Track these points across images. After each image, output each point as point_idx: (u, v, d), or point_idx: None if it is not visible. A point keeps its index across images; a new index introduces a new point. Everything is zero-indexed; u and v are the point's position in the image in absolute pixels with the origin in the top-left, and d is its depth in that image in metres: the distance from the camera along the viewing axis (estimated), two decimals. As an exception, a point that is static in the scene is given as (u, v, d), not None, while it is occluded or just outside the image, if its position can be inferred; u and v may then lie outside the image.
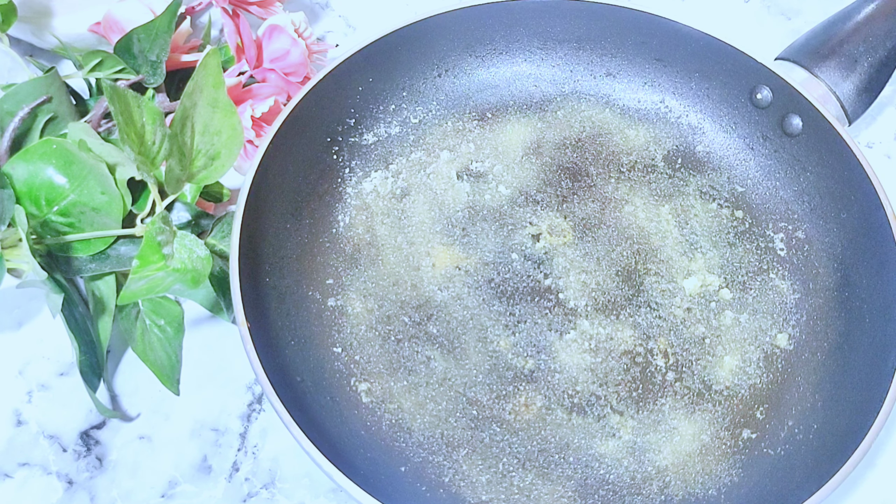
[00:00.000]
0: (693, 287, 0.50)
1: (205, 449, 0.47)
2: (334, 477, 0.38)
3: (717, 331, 0.49)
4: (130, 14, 0.52)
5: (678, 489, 0.44)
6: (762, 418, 0.46)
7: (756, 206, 0.53)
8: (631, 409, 0.46)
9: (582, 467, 0.44)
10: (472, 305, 0.49)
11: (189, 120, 0.42)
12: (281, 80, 0.53)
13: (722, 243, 0.52)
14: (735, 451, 0.45)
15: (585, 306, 0.49)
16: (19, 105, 0.48)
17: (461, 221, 0.52)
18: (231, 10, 0.53)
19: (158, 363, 0.46)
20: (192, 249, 0.42)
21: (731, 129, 0.54)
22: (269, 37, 0.53)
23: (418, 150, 0.54)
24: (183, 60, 0.55)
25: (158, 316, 0.47)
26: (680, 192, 0.53)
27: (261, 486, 0.46)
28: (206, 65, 0.42)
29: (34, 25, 0.55)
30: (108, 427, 0.47)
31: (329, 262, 0.50)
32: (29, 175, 0.44)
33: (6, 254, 0.44)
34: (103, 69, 0.52)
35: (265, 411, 0.48)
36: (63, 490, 0.45)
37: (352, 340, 0.48)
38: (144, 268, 0.41)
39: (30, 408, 0.48)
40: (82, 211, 0.45)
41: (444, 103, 0.55)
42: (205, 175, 0.44)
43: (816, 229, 0.50)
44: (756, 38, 0.58)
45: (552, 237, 0.52)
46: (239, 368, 0.49)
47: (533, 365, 0.47)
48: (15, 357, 0.49)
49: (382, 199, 0.52)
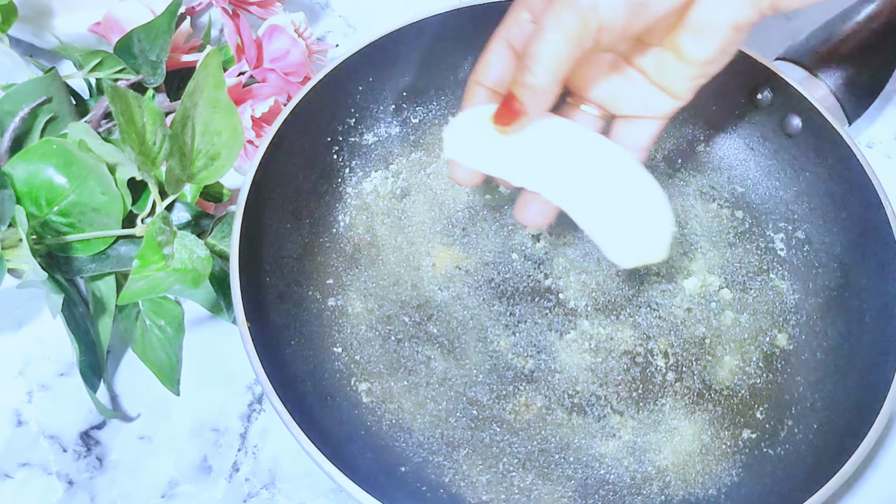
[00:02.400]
0: (693, 287, 0.50)
1: (205, 449, 0.47)
2: (334, 477, 0.38)
3: (717, 331, 0.49)
4: (130, 14, 0.53)
5: (678, 489, 0.44)
6: (762, 418, 0.46)
7: (756, 207, 0.53)
8: (631, 409, 0.46)
9: (582, 467, 0.44)
10: (472, 305, 0.49)
11: (189, 120, 0.42)
12: (281, 80, 0.53)
13: (722, 243, 0.52)
14: (735, 451, 0.45)
15: (585, 306, 0.49)
16: (19, 105, 0.48)
17: (461, 221, 0.52)
18: (231, 10, 0.53)
19: (158, 363, 0.46)
20: (192, 249, 0.42)
21: (731, 129, 0.54)
22: (269, 37, 0.53)
23: (418, 150, 0.54)
24: (183, 60, 0.55)
25: (158, 316, 0.47)
26: (680, 192, 0.53)
27: (261, 487, 0.46)
28: (207, 65, 0.42)
29: (34, 25, 0.55)
30: (108, 427, 0.47)
31: (329, 262, 0.50)
32: (29, 175, 0.44)
33: (6, 254, 0.44)
34: (103, 69, 0.52)
35: (265, 411, 0.48)
36: (63, 490, 0.45)
37: (352, 340, 0.48)
38: (145, 268, 0.41)
39: (30, 408, 0.48)
40: (82, 211, 0.45)
41: (445, 103, 0.55)
42: (205, 175, 0.44)
43: (816, 229, 0.50)
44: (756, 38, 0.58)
45: (552, 237, 0.52)
46: (239, 368, 0.49)
47: (533, 365, 0.47)
48: (15, 357, 0.49)
49: (382, 198, 0.52)
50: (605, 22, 0.34)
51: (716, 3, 0.36)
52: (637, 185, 0.41)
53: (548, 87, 0.36)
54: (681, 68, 0.39)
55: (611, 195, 0.41)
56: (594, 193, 0.41)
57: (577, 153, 0.41)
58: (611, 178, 0.41)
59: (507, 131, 0.39)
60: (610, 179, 0.41)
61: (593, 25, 0.34)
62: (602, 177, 0.41)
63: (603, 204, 0.41)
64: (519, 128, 0.39)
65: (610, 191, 0.41)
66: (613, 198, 0.41)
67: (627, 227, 0.41)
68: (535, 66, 0.36)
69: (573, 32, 0.34)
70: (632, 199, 0.41)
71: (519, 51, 0.40)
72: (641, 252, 0.41)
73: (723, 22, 0.37)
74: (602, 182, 0.41)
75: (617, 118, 0.43)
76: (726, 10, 0.37)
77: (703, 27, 0.37)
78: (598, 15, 0.34)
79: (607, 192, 0.41)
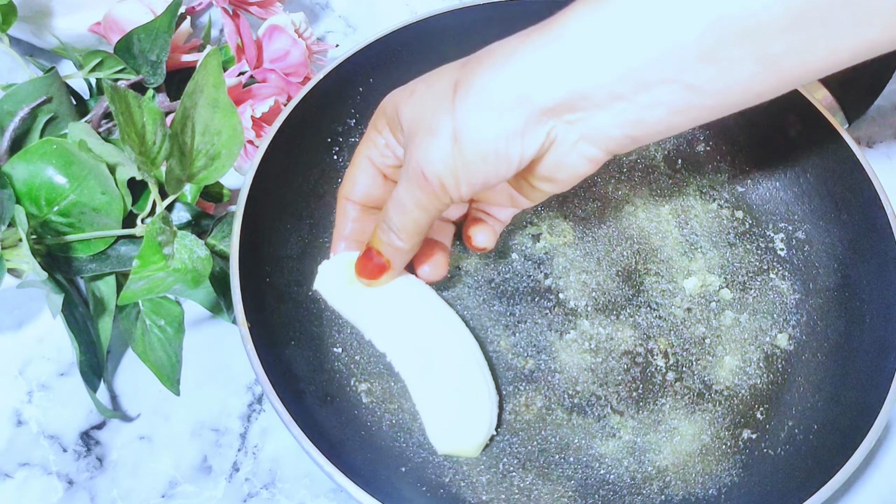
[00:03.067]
0: (693, 287, 0.50)
1: (205, 449, 0.47)
2: (334, 477, 0.38)
3: (718, 331, 0.49)
4: (130, 14, 0.53)
5: (678, 489, 0.44)
6: (762, 418, 0.46)
7: (756, 207, 0.53)
8: (631, 409, 0.46)
9: (582, 467, 0.44)
10: (472, 305, 0.49)
11: (189, 120, 0.42)
12: (281, 80, 0.53)
13: (722, 243, 0.52)
14: (735, 451, 0.45)
15: (585, 306, 0.49)
16: (19, 105, 0.48)
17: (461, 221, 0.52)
18: (231, 11, 0.53)
19: (158, 363, 0.46)
20: (192, 249, 0.42)
21: (731, 129, 0.54)
22: (269, 37, 0.53)
23: (418, 151, 0.54)
24: (183, 60, 0.55)
25: (158, 316, 0.47)
26: (680, 192, 0.53)
27: (261, 486, 0.46)
28: (207, 65, 0.42)
29: (34, 25, 0.55)
30: (108, 427, 0.47)
31: (329, 262, 0.50)
32: (29, 175, 0.44)
33: (6, 254, 0.44)
34: (103, 69, 0.52)
35: (265, 411, 0.48)
36: (63, 490, 0.45)
37: (352, 341, 0.48)
38: (145, 268, 0.41)
39: (30, 408, 0.48)
40: (82, 211, 0.45)
41: (445, 103, 0.55)
42: (205, 175, 0.44)
43: (816, 230, 0.50)
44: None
45: (552, 237, 0.52)
46: (239, 368, 0.49)
47: (533, 365, 0.47)
48: (15, 357, 0.49)
49: (382, 199, 0.52)
50: (459, 196, 0.38)
51: (561, 163, 0.38)
52: (473, 383, 0.43)
53: (412, 247, 0.41)
54: (535, 193, 0.42)
55: (444, 382, 0.43)
56: (431, 374, 0.43)
57: (425, 329, 0.44)
58: (449, 368, 0.43)
59: (371, 284, 0.43)
60: (449, 368, 0.43)
61: (447, 201, 0.38)
62: (442, 363, 0.43)
63: (435, 387, 0.43)
64: (384, 281, 0.43)
65: (444, 378, 0.43)
66: (445, 385, 0.43)
67: (450, 418, 0.43)
68: (399, 233, 0.40)
69: (430, 207, 0.38)
70: (462, 395, 0.43)
71: (381, 170, 0.43)
72: (456, 444, 0.43)
73: (570, 175, 0.39)
74: (441, 367, 0.43)
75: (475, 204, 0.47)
76: (571, 168, 0.38)
77: (552, 177, 0.39)
78: (450, 194, 0.37)
79: (442, 378, 0.43)
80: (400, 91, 0.41)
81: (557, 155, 0.38)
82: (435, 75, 0.39)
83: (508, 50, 0.36)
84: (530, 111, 0.35)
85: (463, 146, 0.36)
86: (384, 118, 0.41)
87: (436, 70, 0.39)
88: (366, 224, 0.45)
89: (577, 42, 0.34)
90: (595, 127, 0.36)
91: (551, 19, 0.36)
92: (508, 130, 0.36)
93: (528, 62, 0.35)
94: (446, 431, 0.43)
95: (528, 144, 0.36)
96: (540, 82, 0.35)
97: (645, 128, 0.36)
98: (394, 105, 0.40)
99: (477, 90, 0.36)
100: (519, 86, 0.35)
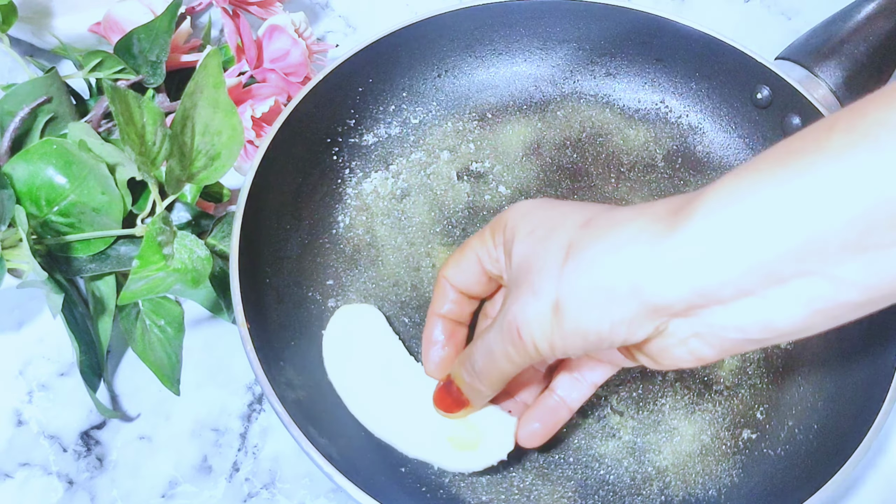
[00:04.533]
0: (693, 287, 0.50)
1: (205, 449, 0.47)
2: (334, 477, 0.38)
3: (717, 331, 0.49)
4: (130, 14, 0.52)
5: (678, 489, 0.44)
6: (762, 418, 0.46)
7: (756, 207, 0.53)
8: (631, 410, 0.46)
9: (582, 468, 0.44)
10: (472, 305, 0.49)
11: (189, 120, 0.42)
12: (281, 80, 0.53)
13: (722, 243, 0.52)
14: (735, 452, 0.45)
15: (585, 306, 0.49)
16: (19, 105, 0.48)
17: (461, 222, 0.52)
18: (231, 11, 0.53)
19: (158, 363, 0.46)
20: (192, 249, 0.42)
21: (731, 129, 0.54)
22: (269, 37, 0.53)
23: (418, 151, 0.54)
24: (183, 60, 0.55)
25: (158, 316, 0.47)
26: (680, 192, 0.53)
27: (261, 487, 0.46)
28: (207, 65, 0.42)
29: (34, 25, 0.55)
30: (108, 427, 0.47)
31: (329, 263, 0.50)
32: (29, 175, 0.44)
33: (6, 254, 0.44)
34: (103, 69, 0.52)
35: (265, 411, 0.48)
36: (63, 490, 0.45)
37: (352, 340, 0.48)
38: (145, 268, 0.41)
39: (30, 408, 0.48)
40: (82, 211, 0.45)
41: (444, 104, 0.55)
42: (205, 175, 0.44)
43: (816, 229, 0.50)
44: (756, 38, 0.58)
45: (552, 237, 0.51)
46: (239, 368, 0.49)
47: (533, 365, 0.47)
48: (15, 357, 0.49)
49: (382, 199, 0.52)
50: (552, 358, 0.36)
51: (665, 352, 0.34)
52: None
53: (493, 393, 0.40)
54: (633, 359, 0.38)
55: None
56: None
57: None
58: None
59: (447, 417, 0.42)
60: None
61: (538, 359, 0.36)
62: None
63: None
64: (461, 416, 0.42)
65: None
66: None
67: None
68: (483, 379, 0.38)
69: (519, 362, 0.37)
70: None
71: (487, 271, 0.41)
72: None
73: (673, 364, 0.35)
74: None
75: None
76: (675, 359, 0.34)
77: (653, 357, 0.35)
78: (542, 355, 0.35)
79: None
80: (524, 215, 0.37)
81: (663, 344, 0.33)
82: (559, 218, 0.35)
83: (633, 230, 0.32)
84: (641, 304, 0.31)
85: (563, 318, 0.33)
86: (501, 235, 0.39)
87: (564, 207, 0.36)
88: (463, 308, 0.43)
89: (703, 240, 0.30)
90: (712, 325, 0.32)
91: (682, 203, 0.31)
92: (615, 318, 0.32)
93: (644, 252, 0.31)
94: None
95: (633, 332, 0.33)
96: (656, 276, 0.31)
97: (773, 330, 0.31)
98: (512, 230, 0.37)
99: (588, 264, 0.33)
100: (634, 274, 0.31)
